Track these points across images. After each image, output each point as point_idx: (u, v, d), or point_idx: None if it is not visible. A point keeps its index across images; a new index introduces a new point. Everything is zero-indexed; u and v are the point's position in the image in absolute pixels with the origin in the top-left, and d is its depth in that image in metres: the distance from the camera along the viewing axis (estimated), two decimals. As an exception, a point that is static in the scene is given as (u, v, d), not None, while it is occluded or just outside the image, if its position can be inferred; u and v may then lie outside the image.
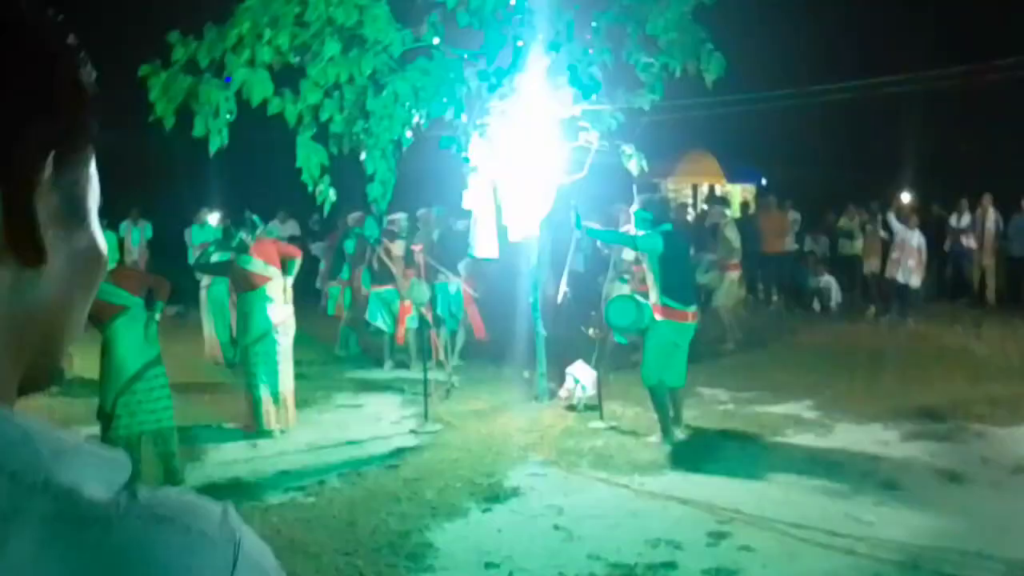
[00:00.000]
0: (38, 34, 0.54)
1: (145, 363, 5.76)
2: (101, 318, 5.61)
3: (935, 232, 14.16)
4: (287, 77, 7.12)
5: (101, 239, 0.59)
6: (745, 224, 13.58)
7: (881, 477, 5.95)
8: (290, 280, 7.36)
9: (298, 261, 7.51)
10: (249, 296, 7.17)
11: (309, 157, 7.27)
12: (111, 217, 12.03)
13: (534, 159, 7.78)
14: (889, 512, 5.34)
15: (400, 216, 10.01)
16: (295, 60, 7.01)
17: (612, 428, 7.26)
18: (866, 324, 12.76)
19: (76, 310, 0.58)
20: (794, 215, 15.43)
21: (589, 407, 7.68)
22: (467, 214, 9.29)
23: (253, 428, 7.11)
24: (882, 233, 13.86)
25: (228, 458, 6.65)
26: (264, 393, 7.06)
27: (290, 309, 7.33)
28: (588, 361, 7.99)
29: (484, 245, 8.76)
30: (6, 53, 0.51)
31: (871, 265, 14.17)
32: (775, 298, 14.80)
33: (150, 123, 6.98)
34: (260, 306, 7.12)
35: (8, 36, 0.52)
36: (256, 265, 7.18)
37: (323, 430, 7.41)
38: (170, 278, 6.42)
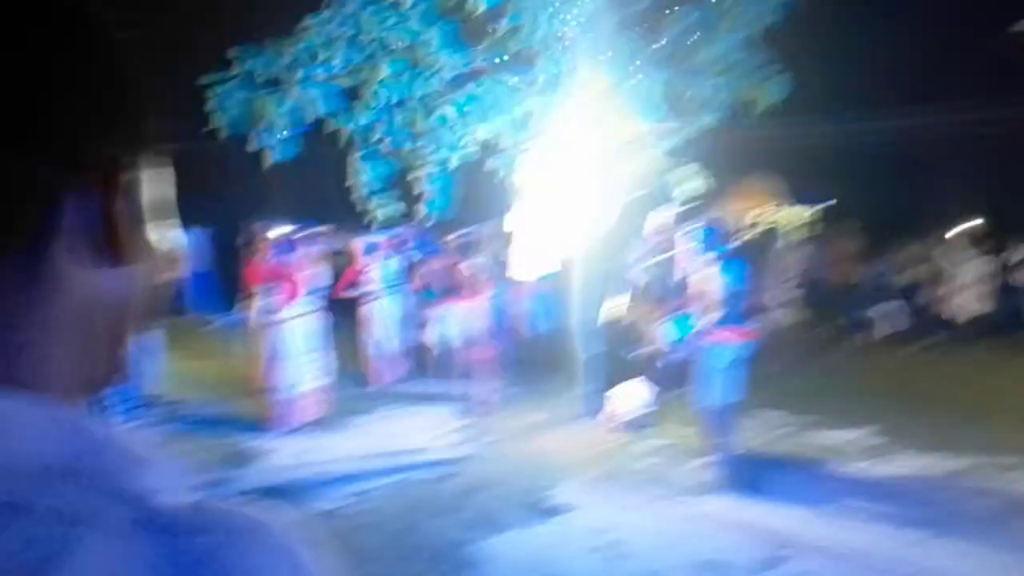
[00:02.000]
0: (111, 38, 0.56)
1: None
2: None
3: (1000, 265, 13.77)
4: (341, 96, 7.26)
5: (155, 239, 0.61)
6: (811, 248, 13.33)
7: (942, 509, 5.75)
8: None
9: None
10: None
11: (359, 175, 7.40)
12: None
13: (590, 179, 7.77)
14: (948, 545, 5.16)
15: (459, 233, 10.10)
16: (350, 80, 7.15)
17: (663, 448, 7.17)
18: (927, 353, 12.42)
19: (138, 309, 0.60)
20: (857, 241, 15.16)
21: (640, 426, 7.60)
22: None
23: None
24: (944, 263, 13.55)
25: (283, 463, 6.74)
26: None
27: None
28: (641, 380, 7.92)
29: (530, 265, 8.77)
30: (90, 59, 0.54)
31: (932, 294, 13.84)
32: (833, 325, 14.53)
33: (208, 133, 7.19)
34: None
35: (90, 41, 0.54)
36: None
37: (375, 439, 7.48)
38: (228, 286, 6.60)
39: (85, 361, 0.56)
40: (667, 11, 7.62)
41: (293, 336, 7.63)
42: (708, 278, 6.75)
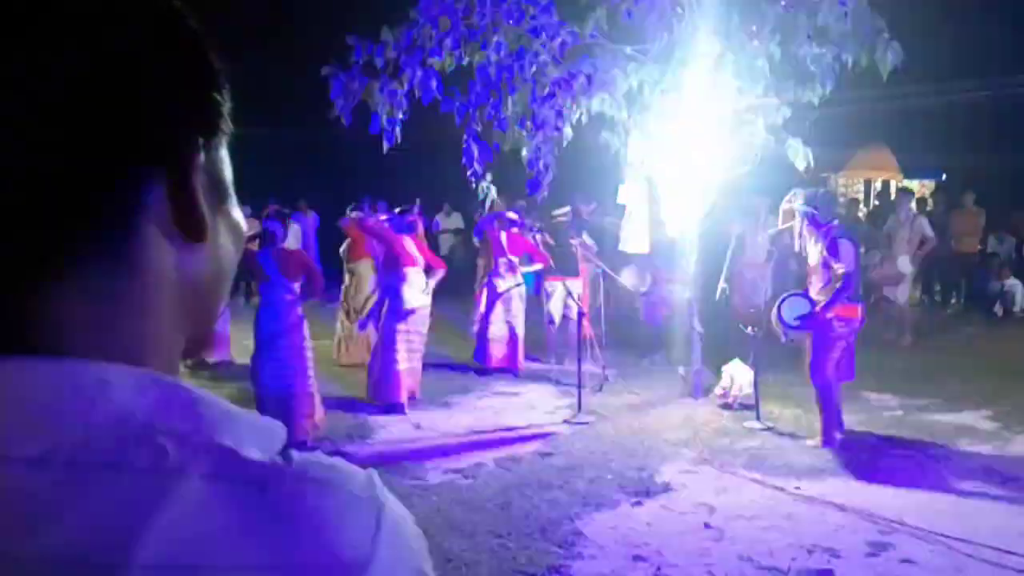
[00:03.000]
0: (182, 23, 0.58)
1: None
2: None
3: None
4: (455, 77, 7.41)
5: (240, 214, 0.65)
6: (930, 220, 12.74)
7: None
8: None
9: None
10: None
11: (473, 154, 7.55)
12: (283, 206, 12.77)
13: (695, 154, 7.70)
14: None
15: (566, 210, 10.14)
16: (464, 61, 7.29)
17: (769, 429, 7.12)
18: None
19: (226, 281, 0.64)
20: (979, 213, 14.41)
21: (745, 406, 7.55)
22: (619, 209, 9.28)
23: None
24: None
25: (394, 438, 7.01)
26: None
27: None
28: (745, 359, 7.85)
29: (635, 240, 8.75)
30: (169, 46, 0.56)
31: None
32: (953, 300, 13.95)
33: (328, 120, 7.47)
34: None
35: (169, 29, 0.57)
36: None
37: (481, 416, 7.68)
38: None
39: (174, 331, 0.59)
40: None
41: (407, 315, 7.88)
42: (821, 254, 6.63)
